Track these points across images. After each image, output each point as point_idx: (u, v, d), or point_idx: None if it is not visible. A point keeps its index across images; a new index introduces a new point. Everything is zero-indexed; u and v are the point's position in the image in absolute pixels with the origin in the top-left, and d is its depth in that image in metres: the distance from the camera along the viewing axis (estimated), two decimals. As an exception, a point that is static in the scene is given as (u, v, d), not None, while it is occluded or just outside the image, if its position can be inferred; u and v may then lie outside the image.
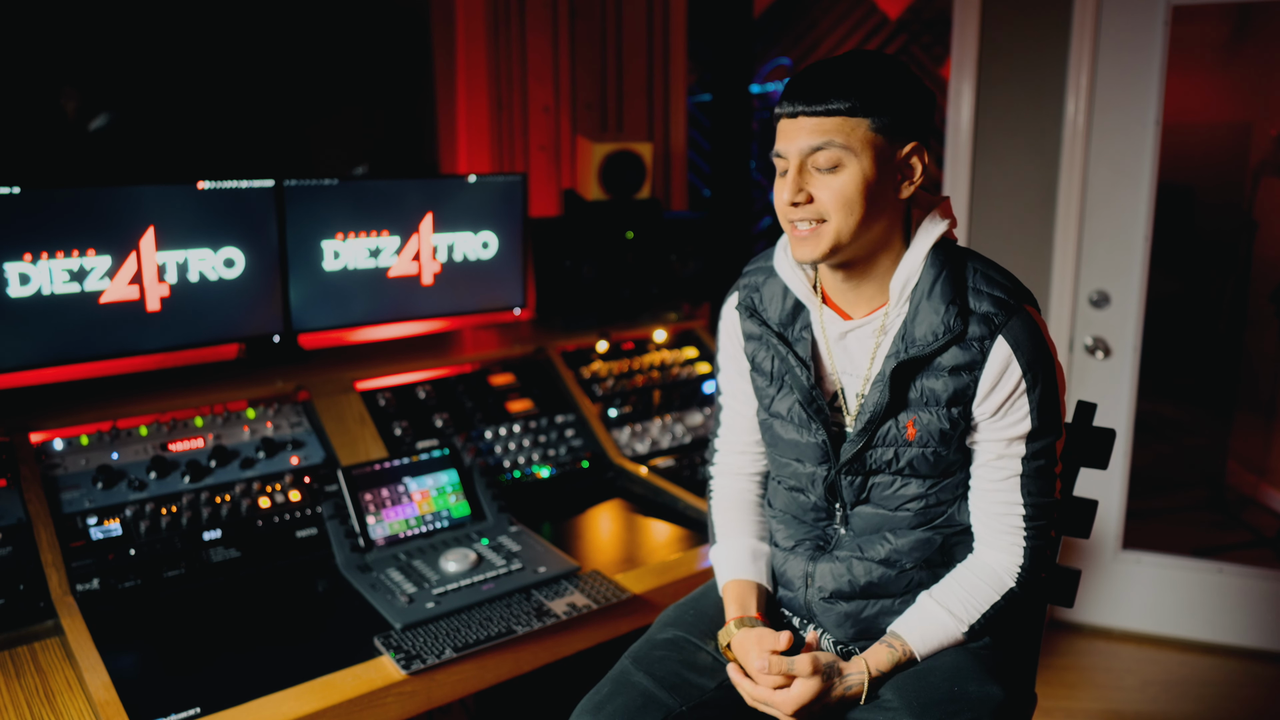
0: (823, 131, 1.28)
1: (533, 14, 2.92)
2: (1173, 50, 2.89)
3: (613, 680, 1.45)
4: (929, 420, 1.35)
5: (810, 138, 1.28)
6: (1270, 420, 4.08)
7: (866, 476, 1.41)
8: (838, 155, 1.28)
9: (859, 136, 1.27)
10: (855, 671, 1.38)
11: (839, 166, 1.28)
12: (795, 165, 1.30)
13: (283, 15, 2.76)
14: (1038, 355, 1.31)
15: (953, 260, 1.35)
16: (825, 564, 1.46)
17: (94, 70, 2.50)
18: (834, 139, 1.27)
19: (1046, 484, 1.37)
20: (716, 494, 1.63)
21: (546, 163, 3.04)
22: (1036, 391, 1.32)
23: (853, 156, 1.28)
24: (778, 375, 1.46)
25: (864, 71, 1.29)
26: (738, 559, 1.54)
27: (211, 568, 1.86)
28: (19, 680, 1.55)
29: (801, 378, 1.41)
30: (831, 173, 1.29)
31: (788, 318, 1.44)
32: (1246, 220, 3.89)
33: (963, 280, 1.34)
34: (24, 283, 1.99)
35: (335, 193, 2.38)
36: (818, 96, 1.27)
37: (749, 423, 1.57)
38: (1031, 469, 1.35)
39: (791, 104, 1.30)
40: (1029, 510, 1.37)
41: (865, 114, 1.27)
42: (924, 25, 4.23)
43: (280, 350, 2.39)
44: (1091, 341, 3.09)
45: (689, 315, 2.98)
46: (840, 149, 1.27)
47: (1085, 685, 2.94)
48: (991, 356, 1.31)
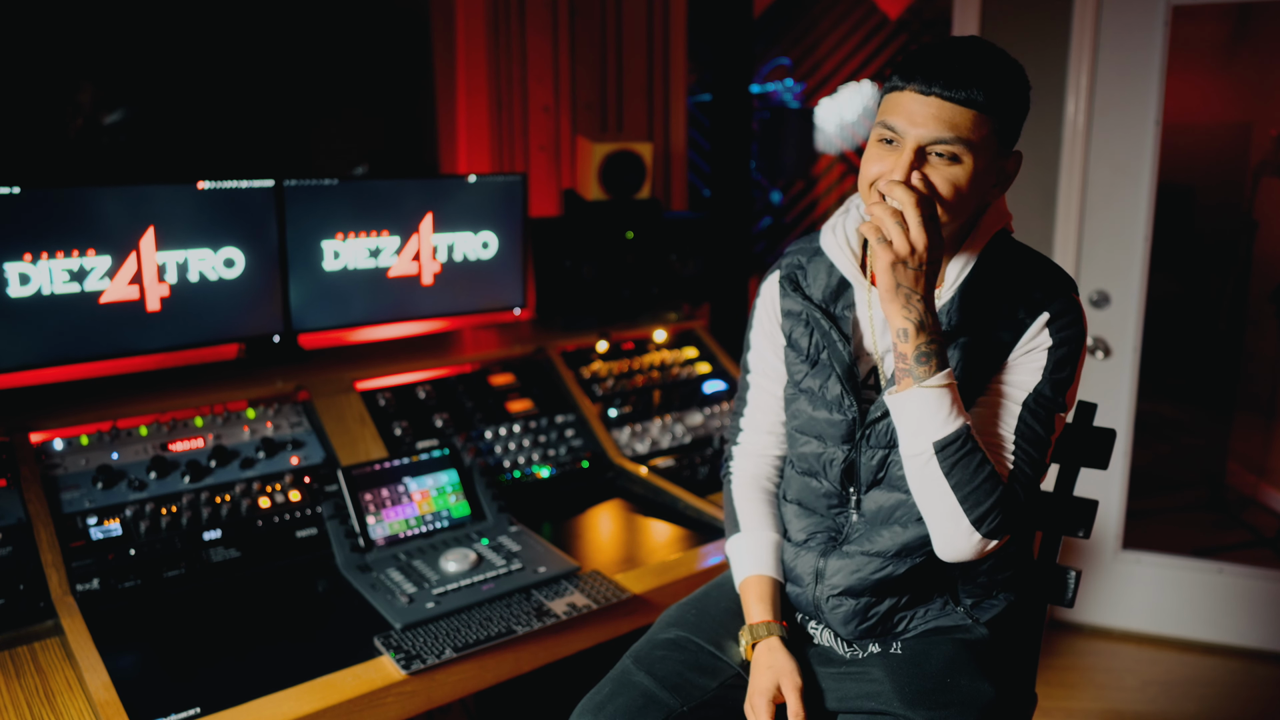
0: (953, 125, 1.24)
1: (533, 14, 2.92)
2: (1173, 50, 2.89)
3: (614, 680, 1.45)
4: (960, 387, 1.34)
5: (939, 126, 1.24)
6: (1270, 420, 4.08)
7: (888, 451, 1.40)
8: (959, 149, 1.25)
9: (981, 134, 1.25)
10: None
11: (957, 159, 1.26)
12: (912, 147, 1.26)
13: (283, 16, 2.76)
14: (1070, 327, 1.33)
15: (1009, 251, 1.38)
16: (837, 559, 1.45)
17: (94, 70, 2.50)
18: (962, 135, 1.24)
19: (1039, 436, 1.34)
20: (737, 476, 1.61)
21: (546, 163, 3.04)
22: (1059, 353, 1.33)
23: (970, 153, 1.26)
24: (813, 353, 1.46)
25: (998, 67, 1.26)
26: (760, 553, 1.53)
27: (211, 568, 1.86)
28: (19, 680, 1.55)
29: (844, 353, 1.41)
30: (948, 164, 1.26)
31: (831, 295, 1.45)
32: (1246, 220, 3.89)
33: (1016, 270, 1.37)
34: (24, 283, 1.99)
35: (335, 193, 2.38)
36: (959, 81, 1.23)
37: (776, 402, 1.56)
38: (1028, 412, 1.33)
39: (926, 81, 1.24)
40: (1016, 449, 1.33)
41: (993, 113, 1.25)
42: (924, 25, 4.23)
43: (280, 350, 2.39)
44: (1091, 341, 3.08)
45: (689, 315, 2.98)
46: (964, 145, 1.25)
47: (1085, 685, 2.94)
48: (1032, 326, 1.33)
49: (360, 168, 3.00)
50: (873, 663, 1.44)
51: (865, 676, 1.42)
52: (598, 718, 1.39)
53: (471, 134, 2.92)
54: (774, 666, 1.40)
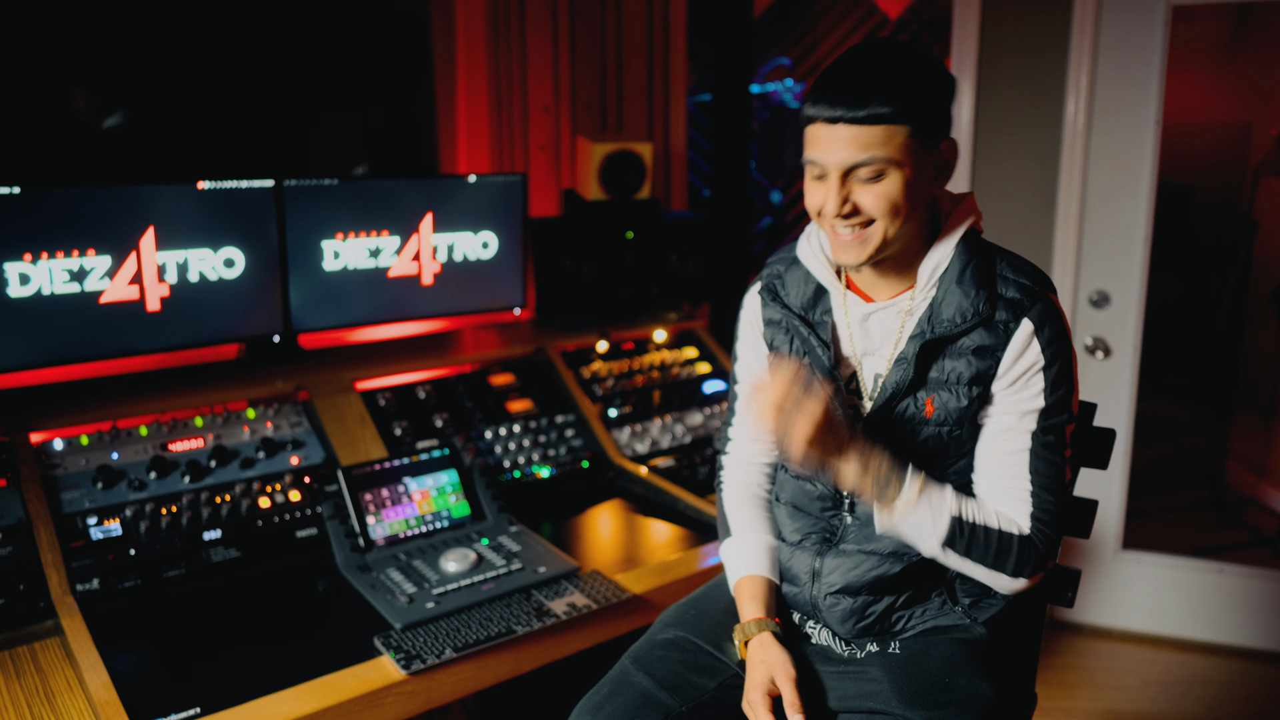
0: (865, 145, 1.25)
1: (533, 14, 2.92)
2: (1173, 50, 2.89)
3: (612, 680, 1.45)
4: (948, 399, 1.36)
5: (852, 152, 1.26)
6: (1270, 420, 4.08)
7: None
8: (880, 166, 1.26)
9: (899, 144, 1.25)
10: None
11: (882, 175, 1.27)
12: (836, 177, 1.28)
13: (283, 15, 2.76)
14: (1057, 336, 1.34)
15: (981, 250, 1.38)
16: (832, 558, 1.46)
17: (94, 70, 2.50)
18: (875, 153, 1.25)
19: (1055, 464, 1.36)
20: (728, 484, 1.63)
21: (546, 163, 3.04)
22: (1053, 370, 1.33)
23: (893, 165, 1.27)
24: (796, 360, 1.47)
25: (898, 69, 1.26)
26: (752, 554, 1.53)
27: (211, 568, 1.86)
28: (19, 680, 1.55)
29: (823, 358, 1.43)
30: (875, 181, 1.28)
31: (809, 302, 1.47)
32: (1246, 220, 3.89)
33: (991, 268, 1.37)
34: (24, 283, 1.99)
35: (335, 193, 2.38)
36: (860, 100, 1.24)
37: None
38: (1040, 445, 1.36)
39: (830, 107, 1.25)
40: (1035, 488, 1.36)
41: (905, 120, 1.25)
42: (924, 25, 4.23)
43: (280, 350, 2.39)
44: (1091, 341, 3.08)
45: (689, 315, 2.98)
46: (883, 161, 1.26)
47: (1085, 685, 2.94)
48: (1015, 336, 1.33)
49: (360, 168, 3.00)
50: (871, 662, 1.44)
51: (864, 676, 1.42)
52: (596, 718, 1.39)
53: (471, 134, 2.92)
54: (766, 660, 1.41)
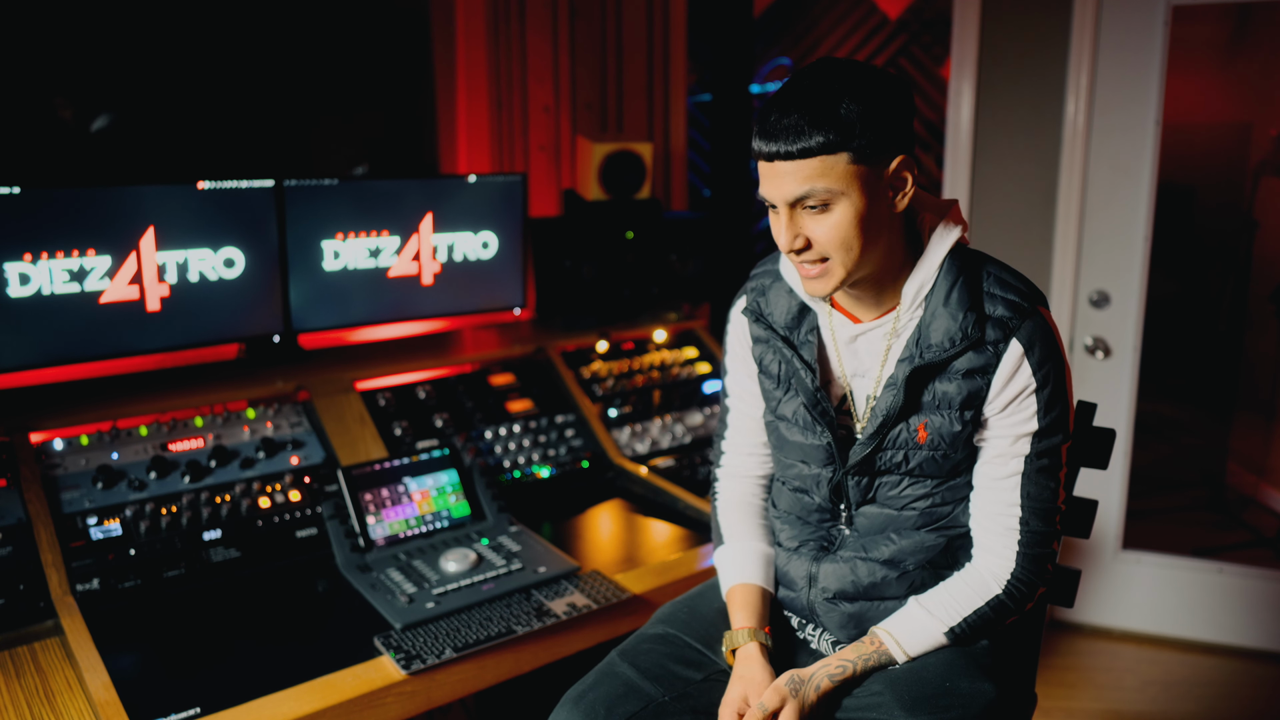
0: (804, 178, 1.23)
1: (533, 14, 2.92)
2: (1173, 50, 2.89)
3: (598, 672, 1.46)
4: (941, 423, 1.35)
5: (793, 185, 1.24)
6: (1270, 420, 4.08)
7: (874, 478, 1.41)
8: (824, 197, 1.24)
9: (840, 173, 1.22)
10: (817, 667, 1.38)
11: (829, 205, 1.25)
12: (785, 211, 1.27)
13: (283, 15, 2.76)
14: (1048, 356, 1.32)
15: (967, 265, 1.35)
16: (829, 564, 1.46)
17: (94, 71, 2.50)
18: (816, 185, 1.23)
19: (1048, 487, 1.37)
20: (722, 496, 1.63)
21: (546, 163, 3.04)
22: (1045, 391, 1.32)
23: (839, 194, 1.24)
24: (784, 378, 1.46)
25: (833, 95, 1.21)
26: (744, 563, 1.53)
27: (211, 568, 1.86)
28: (19, 680, 1.55)
29: (806, 380, 1.41)
30: (823, 212, 1.25)
31: (793, 321, 1.44)
32: (1246, 220, 3.89)
33: (978, 285, 1.34)
34: (24, 283, 1.99)
35: (335, 193, 2.38)
36: (794, 134, 1.21)
37: (756, 424, 1.57)
38: (1034, 469, 1.35)
39: (767, 143, 1.24)
40: (1025, 513, 1.36)
41: (843, 147, 1.21)
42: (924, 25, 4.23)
43: (280, 350, 2.39)
44: (1091, 341, 3.09)
45: (689, 315, 2.98)
46: (825, 191, 1.24)
47: (1085, 685, 2.94)
48: (1005, 358, 1.31)
49: (360, 168, 3.00)
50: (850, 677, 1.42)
51: (866, 690, 1.40)
52: (578, 705, 1.39)
53: (471, 134, 2.92)
54: (744, 677, 1.39)
